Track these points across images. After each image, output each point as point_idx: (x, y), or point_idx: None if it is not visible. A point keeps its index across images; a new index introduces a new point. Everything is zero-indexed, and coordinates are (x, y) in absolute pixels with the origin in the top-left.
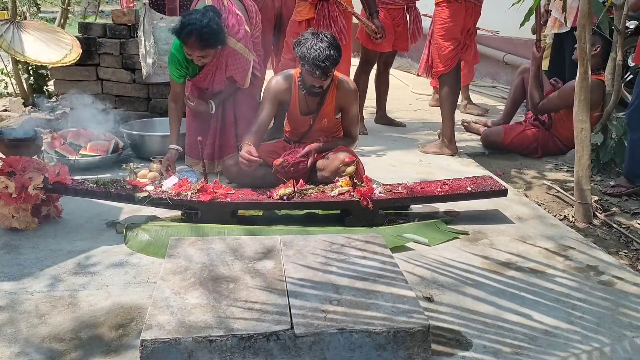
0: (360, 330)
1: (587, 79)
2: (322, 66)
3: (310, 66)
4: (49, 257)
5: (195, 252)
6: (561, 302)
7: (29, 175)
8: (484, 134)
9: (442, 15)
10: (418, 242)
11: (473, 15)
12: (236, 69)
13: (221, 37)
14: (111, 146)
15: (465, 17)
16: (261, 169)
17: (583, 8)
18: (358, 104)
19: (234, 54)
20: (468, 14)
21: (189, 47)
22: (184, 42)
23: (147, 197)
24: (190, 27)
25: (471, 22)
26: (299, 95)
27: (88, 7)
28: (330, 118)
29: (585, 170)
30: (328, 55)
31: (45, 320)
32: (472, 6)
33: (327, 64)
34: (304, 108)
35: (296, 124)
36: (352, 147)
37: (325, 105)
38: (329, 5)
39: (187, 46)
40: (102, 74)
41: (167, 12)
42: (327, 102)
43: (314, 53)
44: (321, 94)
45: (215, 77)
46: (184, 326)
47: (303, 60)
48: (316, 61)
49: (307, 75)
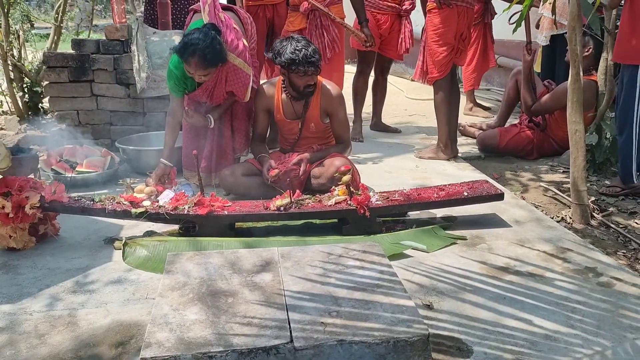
0: (359, 341)
1: (579, 81)
2: (313, 61)
3: (303, 66)
4: (47, 276)
5: (193, 267)
6: (561, 306)
7: (26, 195)
8: (480, 138)
9: (435, 21)
10: (416, 249)
11: (466, 20)
12: (236, 84)
13: (223, 55)
14: (107, 162)
15: (458, 21)
16: (257, 179)
17: (572, 10)
18: (345, 108)
19: (234, 69)
20: (461, 19)
21: (191, 67)
22: (186, 62)
23: (144, 212)
24: (193, 47)
25: (464, 26)
26: (283, 100)
27: (81, 23)
28: (317, 122)
29: (581, 171)
30: (314, 50)
31: (44, 341)
32: (465, 10)
33: (316, 57)
34: (289, 112)
35: (285, 129)
36: (345, 153)
37: (311, 108)
38: (320, 15)
39: (189, 66)
40: (96, 89)
41: (159, 26)
42: (312, 105)
43: (301, 53)
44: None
45: (215, 92)
46: (183, 343)
47: (292, 64)
48: (307, 58)
49: (299, 78)
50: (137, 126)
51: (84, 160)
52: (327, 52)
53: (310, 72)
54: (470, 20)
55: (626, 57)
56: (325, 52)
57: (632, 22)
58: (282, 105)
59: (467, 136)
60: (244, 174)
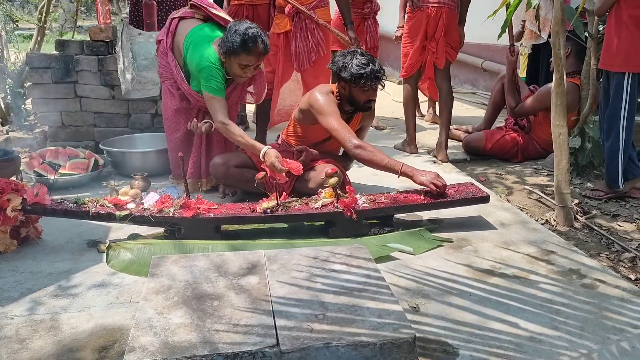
0: (346, 344)
1: (562, 85)
2: (379, 76)
3: (371, 81)
4: (29, 279)
5: (178, 270)
6: (545, 308)
7: (7, 197)
8: (465, 140)
9: (408, 24)
10: (403, 252)
11: (439, 20)
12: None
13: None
14: (91, 164)
15: (428, 22)
16: (249, 172)
17: (556, 15)
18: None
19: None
20: (432, 20)
21: (255, 55)
22: (249, 52)
23: (129, 215)
24: (254, 36)
25: (435, 27)
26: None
27: (65, 24)
28: None
29: (565, 174)
30: (380, 65)
31: (26, 345)
32: (434, 11)
33: (382, 72)
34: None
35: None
36: (350, 165)
37: (352, 122)
38: (305, 17)
39: (252, 55)
40: (80, 91)
41: (144, 27)
42: (354, 120)
43: (368, 67)
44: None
45: (233, 93)
46: (167, 347)
47: (360, 78)
48: (375, 73)
49: (363, 92)
50: (121, 128)
51: (68, 162)
52: (312, 55)
53: (375, 86)
54: (446, 21)
55: (613, 64)
56: (310, 55)
57: (618, 29)
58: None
59: (453, 139)
60: (238, 165)
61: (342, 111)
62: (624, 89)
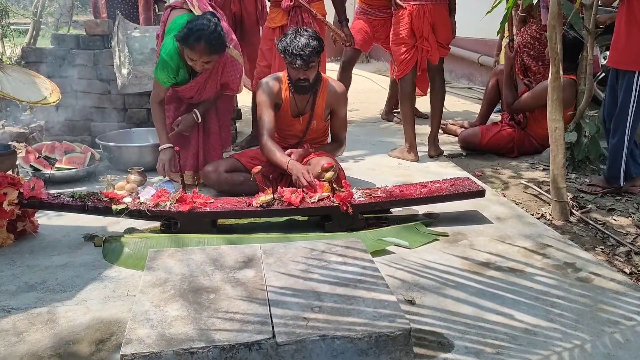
0: (342, 336)
1: (559, 79)
2: (302, 54)
3: (291, 57)
4: (26, 273)
5: (174, 264)
6: (540, 300)
7: (4, 191)
8: (461, 136)
9: (394, 22)
10: (399, 245)
11: (426, 18)
12: (233, 75)
13: (226, 42)
14: (87, 158)
15: (413, 19)
16: (240, 175)
17: (553, 9)
18: (347, 107)
19: (231, 61)
20: (417, 17)
21: (197, 52)
22: (191, 48)
23: (125, 209)
24: (199, 32)
25: (421, 24)
26: (290, 96)
27: (61, 18)
28: (319, 120)
29: (561, 169)
30: (306, 44)
31: (23, 338)
32: (417, 8)
33: (306, 52)
34: (294, 109)
35: (285, 126)
36: (338, 153)
37: (317, 106)
38: (301, 12)
39: (194, 52)
40: (76, 85)
41: (141, 21)
42: (318, 103)
43: (294, 44)
44: (309, 89)
45: (207, 85)
46: (164, 339)
47: (285, 53)
48: (296, 50)
49: (291, 69)
50: (117, 122)
51: (64, 157)
52: None
53: (297, 65)
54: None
55: (622, 62)
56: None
57: (628, 26)
58: (289, 100)
59: (449, 134)
60: (228, 170)
61: (295, 90)
62: (633, 87)
